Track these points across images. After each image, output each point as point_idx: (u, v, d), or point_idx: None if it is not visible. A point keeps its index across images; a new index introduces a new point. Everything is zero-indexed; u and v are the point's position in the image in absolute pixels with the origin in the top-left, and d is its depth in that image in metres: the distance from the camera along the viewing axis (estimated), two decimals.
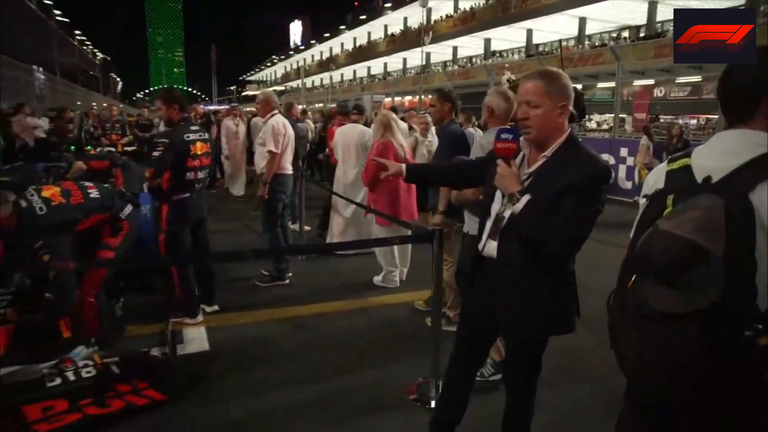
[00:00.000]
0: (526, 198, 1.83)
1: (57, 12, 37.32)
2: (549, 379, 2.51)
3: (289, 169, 4.98)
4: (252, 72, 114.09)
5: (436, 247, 2.96)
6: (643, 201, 1.49)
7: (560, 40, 27.84)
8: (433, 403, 2.97)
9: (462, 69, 37.62)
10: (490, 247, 2.03)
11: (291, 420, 2.87)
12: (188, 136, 3.86)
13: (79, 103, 30.38)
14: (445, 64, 43.66)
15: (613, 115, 13.88)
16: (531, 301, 1.96)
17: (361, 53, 54.77)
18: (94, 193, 3.34)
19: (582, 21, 29.83)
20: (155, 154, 3.74)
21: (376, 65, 53.15)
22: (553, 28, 30.84)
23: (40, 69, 26.38)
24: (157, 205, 3.98)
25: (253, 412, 2.95)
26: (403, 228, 4.28)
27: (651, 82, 24.10)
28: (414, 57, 42.43)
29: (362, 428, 2.82)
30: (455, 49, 40.46)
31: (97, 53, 63.80)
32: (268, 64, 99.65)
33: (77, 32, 51.93)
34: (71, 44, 44.49)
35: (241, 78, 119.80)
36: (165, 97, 3.94)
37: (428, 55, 38.23)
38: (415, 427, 2.78)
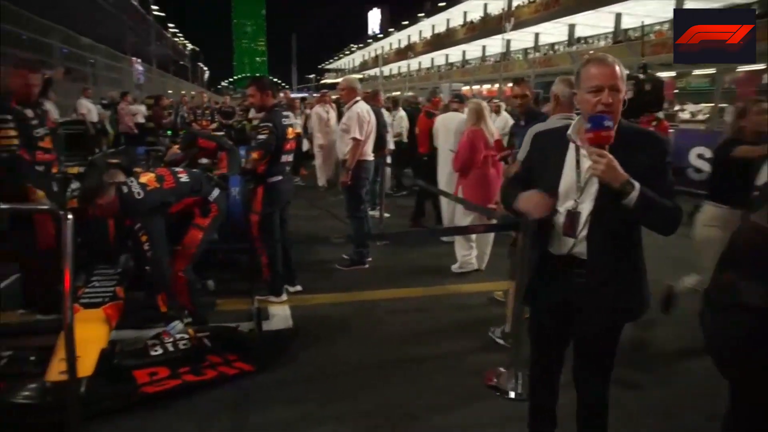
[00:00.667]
0: (638, 185, 1.75)
1: (154, 7, 39.77)
2: None
3: (371, 156, 5.06)
4: (330, 60, 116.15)
5: (521, 236, 2.90)
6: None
7: (642, 24, 25.99)
8: (512, 394, 2.97)
9: (544, 57, 36.33)
10: (570, 245, 1.95)
11: (367, 394, 2.99)
12: (284, 120, 4.02)
13: (170, 91, 32.25)
14: (525, 51, 42.31)
15: (710, 104, 12.88)
16: (624, 287, 1.94)
17: (440, 41, 54.19)
18: (184, 178, 3.59)
19: (679, 2, 27.83)
20: (260, 137, 3.90)
21: (455, 53, 52.40)
22: (644, 12, 28.96)
23: (139, 60, 28.28)
24: (252, 187, 4.19)
25: (332, 384, 3.09)
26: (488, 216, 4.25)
27: (760, 66, 22.06)
28: (493, 44, 41.43)
29: (440, 411, 2.86)
30: (537, 35, 39.08)
31: (187, 44, 67.37)
32: (347, 52, 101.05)
33: (170, 25, 55.11)
34: (165, 37, 47.29)
35: (319, 66, 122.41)
36: (258, 84, 4.09)
37: (508, 42, 37.22)
38: (492, 412, 2.81)
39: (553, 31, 36.77)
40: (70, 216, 2.03)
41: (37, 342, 3.17)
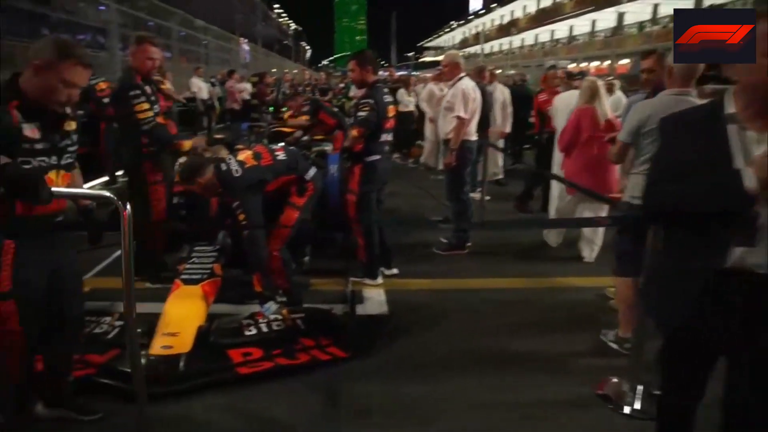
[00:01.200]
0: None
1: None
2: None
3: (474, 136, 4.75)
4: (430, 39, 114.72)
5: (651, 233, 2.48)
6: None
7: None
8: (627, 409, 2.60)
9: (663, 29, 33.15)
10: (750, 255, 1.50)
11: (462, 388, 2.79)
12: (385, 98, 3.85)
13: (274, 70, 33.45)
14: (641, 25, 38.90)
15: None
16: None
17: (545, 15, 51.38)
18: (281, 156, 3.55)
19: None
20: (361, 114, 3.76)
21: (561, 29, 49.45)
22: None
23: (246, 40, 29.52)
24: (349, 166, 4.05)
25: (424, 376, 2.90)
26: (598, 201, 3.80)
27: None
28: (605, 18, 38.54)
29: (542, 417, 2.59)
30: (655, 6, 35.72)
31: (291, 24, 69.49)
32: (447, 29, 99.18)
33: (276, 6, 57.00)
34: (271, 17, 49.02)
35: (419, 44, 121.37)
36: (359, 59, 3.91)
37: (622, 15, 34.38)
38: (602, 426, 2.52)
39: (675, 2, 33.36)
40: (128, 207, 1.94)
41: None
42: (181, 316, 3.00)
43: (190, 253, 3.68)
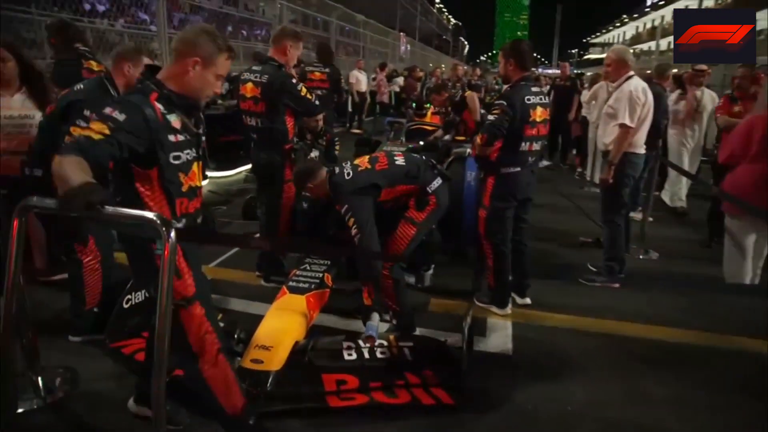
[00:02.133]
0: None
1: None
2: None
3: (641, 148, 3.90)
4: (596, 34, 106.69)
5: None
6: None
7: None
8: None
9: None
10: None
11: None
12: (529, 99, 3.22)
13: (431, 65, 33.37)
14: None
15: None
16: None
17: (742, 4, 44.41)
18: (399, 161, 3.20)
19: None
20: (490, 117, 3.24)
21: (762, 18, 42.35)
22: None
23: (404, 35, 29.77)
24: (482, 176, 3.54)
25: None
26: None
27: None
28: None
29: None
30: None
31: (450, 19, 69.19)
32: (617, 24, 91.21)
33: (437, 1, 57.08)
34: (431, 12, 49.15)
35: (584, 40, 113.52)
36: (506, 49, 3.35)
37: None
38: None
39: None
40: (172, 235, 1.66)
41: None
42: (279, 328, 2.77)
43: (301, 260, 3.47)
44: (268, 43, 14.02)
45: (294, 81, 3.58)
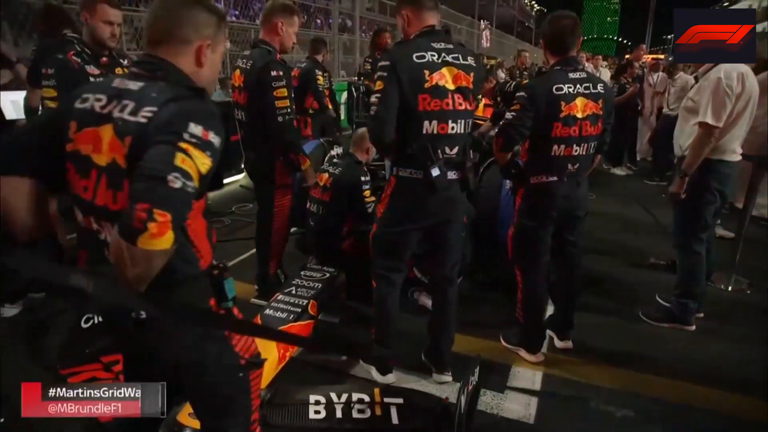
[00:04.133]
0: None
1: None
2: None
3: (735, 154, 2.98)
4: None
5: None
6: None
7: None
8: None
9: None
10: None
11: None
12: (560, 89, 2.42)
13: (526, 53, 31.84)
14: None
15: None
16: None
17: None
18: None
19: None
20: (508, 115, 2.52)
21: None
22: None
23: (481, 21, 28.49)
24: (513, 186, 2.83)
25: None
26: None
27: None
28: None
29: None
30: None
31: (534, 5, 66.05)
32: (725, 3, 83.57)
33: None
34: None
35: None
36: (541, 28, 2.61)
37: None
38: None
39: None
40: None
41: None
42: None
43: (292, 280, 2.95)
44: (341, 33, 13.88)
45: (274, 74, 2.86)
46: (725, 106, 2.77)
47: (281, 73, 2.90)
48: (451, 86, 2.21)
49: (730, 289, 3.79)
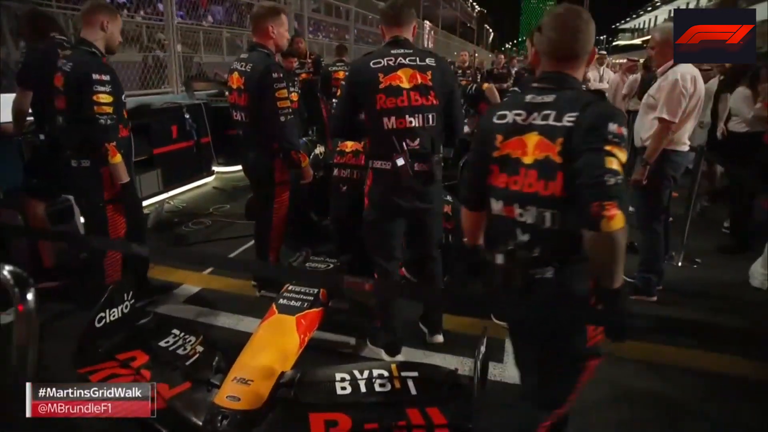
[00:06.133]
0: None
1: None
2: None
3: (686, 145, 3.40)
4: (626, 20, 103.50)
5: None
6: None
7: None
8: None
9: None
10: None
11: None
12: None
13: (455, 53, 32.64)
14: None
15: None
16: None
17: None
18: None
19: None
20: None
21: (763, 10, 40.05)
22: None
23: (426, 22, 29.11)
24: None
25: None
26: None
27: None
28: None
29: None
30: None
31: (475, 6, 67.79)
32: (649, 8, 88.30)
33: None
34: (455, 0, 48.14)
35: (613, 26, 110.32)
36: (533, 33, 2.89)
37: None
38: None
39: None
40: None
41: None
42: (262, 357, 2.41)
43: (302, 266, 3.12)
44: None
45: (275, 75, 3.04)
46: (680, 105, 3.17)
47: (281, 75, 3.09)
48: (406, 85, 2.50)
49: (680, 264, 4.25)
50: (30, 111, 3.43)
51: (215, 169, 6.87)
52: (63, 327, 3.00)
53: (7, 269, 1.24)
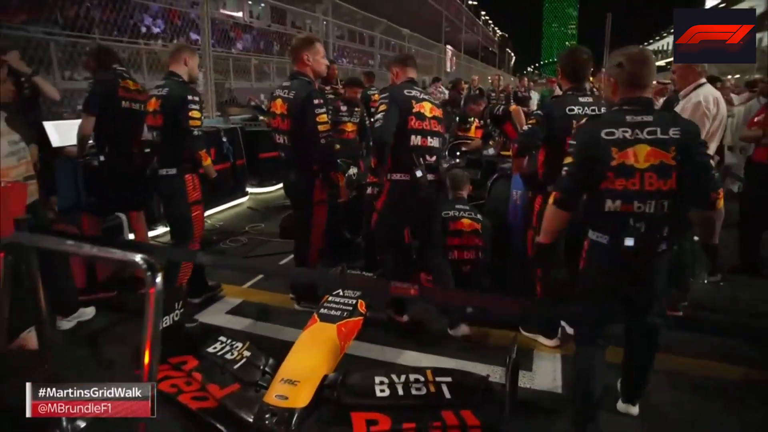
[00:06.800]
0: None
1: None
2: None
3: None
4: (649, 41, 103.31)
5: None
6: None
7: None
8: None
9: None
10: None
11: None
12: (572, 110, 2.95)
13: (476, 77, 33.12)
14: None
15: None
16: None
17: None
18: None
19: None
20: (525, 127, 3.03)
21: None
22: None
23: (449, 47, 29.61)
24: (530, 195, 3.29)
25: None
26: None
27: None
28: None
29: None
30: None
31: (497, 30, 68.61)
32: (671, 30, 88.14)
33: (483, 12, 56.70)
34: (477, 24, 48.86)
35: None
36: (560, 57, 3.18)
37: None
38: None
39: None
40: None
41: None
42: (307, 361, 2.59)
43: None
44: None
45: (316, 102, 3.30)
46: (704, 125, 3.27)
47: (322, 101, 3.34)
48: (429, 114, 3.23)
49: (705, 281, 4.31)
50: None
51: (249, 190, 7.16)
52: (121, 333, 3.24)
53: (139, 257, 1.46)
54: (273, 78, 13.13)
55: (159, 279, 1.46)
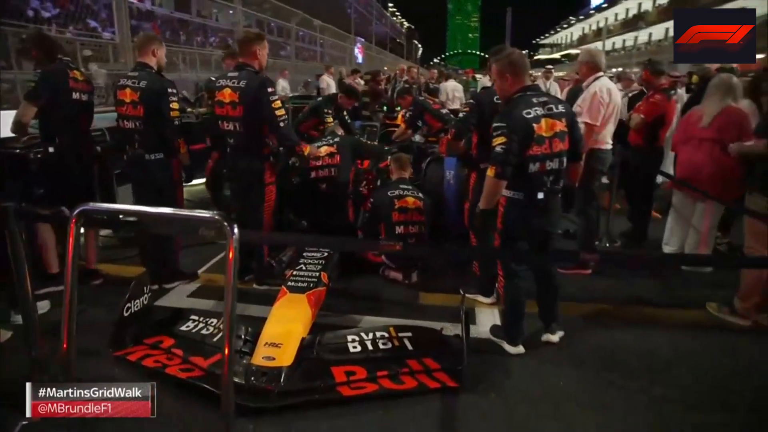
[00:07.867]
0: None
1: None
2: None
3: (608, 144, 4.20)
4: (545, 35, 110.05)
5: None
6: None
7: None
8: None
9: None
10: None
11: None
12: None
13: (386, 68, 33.76)
14: None
15: None
16: None
17: (680, 5, 46.77)
18: None
19: None
20: (496, 149, 2.82)
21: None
22: None
23: (362, 39, 30.05)
24: (467, 172, 3.82)
25: (543, 413, 2.59)
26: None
27: None
28: (755, 5, 34.14)
29: None
30: None
31: (404, 22, 69.98)
32: (564, 26, 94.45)
33: (390, 4, 57.62)
34: (385, 16, 49.62)
35: (534, 41, 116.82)
36: (500, 62, 2.93)
37: None
38: None
39: None
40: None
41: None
42: (286, 326, 2.89)
43: (298, 259, 3.60)
44: (223, 50, 14.11)
45: (270, 90, 3.62)
46: (600, 111, 3.96)
47: (274, 88, 3.67)
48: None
49: (607, 245, 5.05)
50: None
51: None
52: (82, 322, 3.28)
53: (217, 214, 1.70)
54: (182, 69, 12.78)
55: (236, 230, 1.71)
